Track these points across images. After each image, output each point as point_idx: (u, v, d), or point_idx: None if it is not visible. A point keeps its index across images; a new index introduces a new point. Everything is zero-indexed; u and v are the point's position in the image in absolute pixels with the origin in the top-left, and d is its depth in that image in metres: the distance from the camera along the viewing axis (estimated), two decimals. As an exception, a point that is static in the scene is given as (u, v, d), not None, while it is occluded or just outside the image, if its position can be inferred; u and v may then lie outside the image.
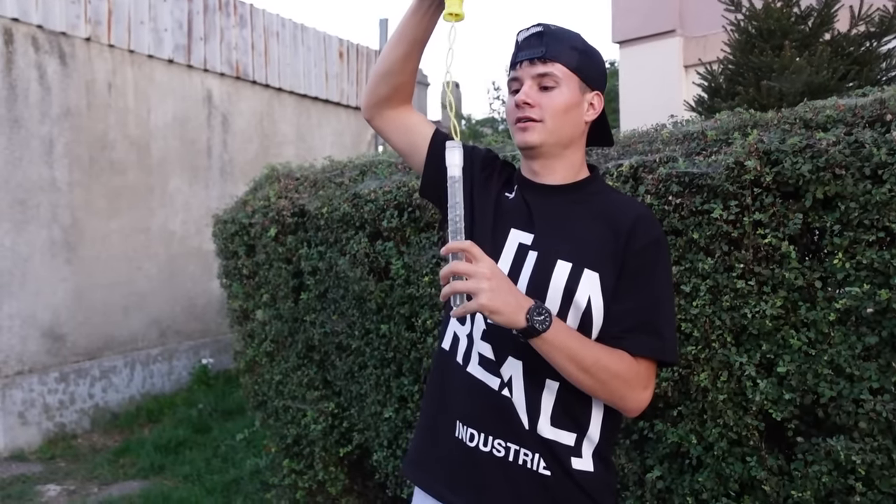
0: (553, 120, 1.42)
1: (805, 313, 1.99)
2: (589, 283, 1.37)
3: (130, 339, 6.07)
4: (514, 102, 1.45)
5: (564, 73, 1.43)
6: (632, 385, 1.34)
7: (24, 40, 5.31)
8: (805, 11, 3.89)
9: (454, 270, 1.24)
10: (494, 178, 1.55)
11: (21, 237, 5.25)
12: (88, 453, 5.18)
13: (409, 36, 1.50)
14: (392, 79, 1.55)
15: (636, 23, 6.73)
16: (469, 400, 1.43)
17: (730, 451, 2.13)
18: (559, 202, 1.47)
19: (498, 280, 1.24)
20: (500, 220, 1.47)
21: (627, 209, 1.45)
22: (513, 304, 1.24)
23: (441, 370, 1.53)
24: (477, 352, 1.43)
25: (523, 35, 1.47)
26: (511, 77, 1.48)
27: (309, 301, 3.28)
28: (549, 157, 1.47)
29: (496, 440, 1.38)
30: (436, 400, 1.53)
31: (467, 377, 1.44)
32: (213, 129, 6.85)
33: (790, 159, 1.95)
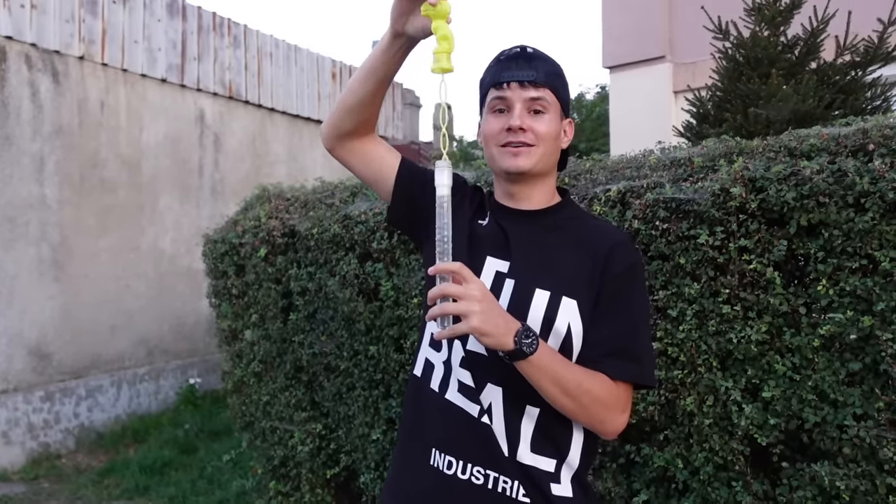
0: (544, 146, 1.42)
1: (790, 339, 2.01)
2: (567, 310, 1.36)
3: (117, 358, 6.03)
4: (502, 125, 1.42)
5: (552, 100, 1.42)
6: (611, 408, 1.34)
7: (18, 58, 5.32)
8: (792, 40, 3.95)
9: (445, 292, 1.22)
10: (465, 204, 1.52)
11: (9, 255, 5.23)
12: (73, 474, 5.12)
13: (379, 72, 1.46)
14: (358, 114, 1.51)
15: (626, 48, 6.80)
16: (447, 427, 1.40)
17: (716, 476, 2.14)
18: (535, 228, 1.46)
19: (488, 302, 1.23)
20: (476, 248, 1.44)
21: (604, 235, 1.46)
22: (502, 327, 1.23)
23: (415, 397, 1.50)
24: (456, 378, 1.40)
25: (508, 54, 1.44)
26: (496, 96, 1.43)
27: (298, 322, 3.28)
28: (531, 182, 1.46)
29: (475, 467, 1.36)
30: (411, 427, 1.50)
31: (445, 404, 1.41)
32: (205, 149, 6.86)
33: (775, 187, 1.98)
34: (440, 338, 1.26)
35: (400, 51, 1.44)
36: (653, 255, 2.20)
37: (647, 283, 2.20)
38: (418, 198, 1.51)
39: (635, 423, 2.29)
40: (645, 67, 6.78)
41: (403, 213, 1.56)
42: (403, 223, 1.62)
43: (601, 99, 11.91)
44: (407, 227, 1.64)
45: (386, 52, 1.43)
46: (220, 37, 6.94)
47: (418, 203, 1.51)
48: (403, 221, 1.61)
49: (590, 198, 2.35)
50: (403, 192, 1.53)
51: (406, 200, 1.52)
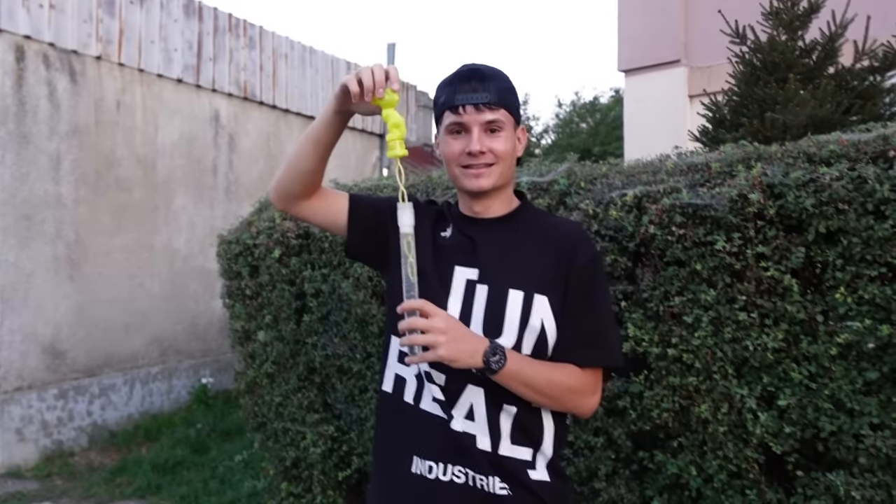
0: (503, 162, 1.49)
1: (806, 347, 1.99)
2: (540, 307, 1.45)
3: (131, 357, 6.06)
4: (462, 147, 1.48)
5: (506, 118, 1.48)
6: (582, 394, 1.46)
7: (36, 57, 5.36)
8: (809, 45, 3.92)
9: (412, 326, 1.33)
10: (425, 220, 1.58)
11: (25, 253, 5.26)
12: (85, 471, 5.15)
13: (324, 142, 1.52)
14: (307, 178, 1.57)
15: (641, 52, 6.78)
16: (425, 434, 1.48)
17: (729, 484, 2.12)
18: (500, 233, 1.53)
19: (453, 331, 1.34)
20: (442, 260, 1.52)
21: (564, 231, 1.56)
22: (468, 351, 1.34)
23: (388, 413, 1.58)
24: (429, 389, 1.49)
25: (461, 75, 1.49)
26: (454, 121, 1.48)
27: (311, 323, 3.28)
28: (493, 196, 1.53)
29: (455, 467, 1.45)
30: (389, 440, 1.58)
31: (422, 414, 1.49)
32: (220, 149, 6.89)
33: (793, 193, 1.97)
34: (411, 363, 1.38)
35: (344, 122, 1.52)
36: (669, 260, 2.19)
37: (663, 288, 2.20)
38: (371, 229, 1.61)
39: (649, 430, 2.27)
40: (660, 71, 6.75)
41: (360, 246, 1.65)
42: (362, 255, 1.73)
43: (615, 102, 11.88)
44: (366, 257, 1.76)
45: (330, 124, 1.50)
46: (235, 38, 6.97)
47: (372, 234, 1.61)
48: (362, 254, 1.71)
49: (606, 202, 2.34)
50: (357, 229, 1.62)
51: (360, 236, 1.62)
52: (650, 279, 2.23)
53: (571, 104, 16.67)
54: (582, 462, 2.39)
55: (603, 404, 2.37)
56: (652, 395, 2.23)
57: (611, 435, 2.35)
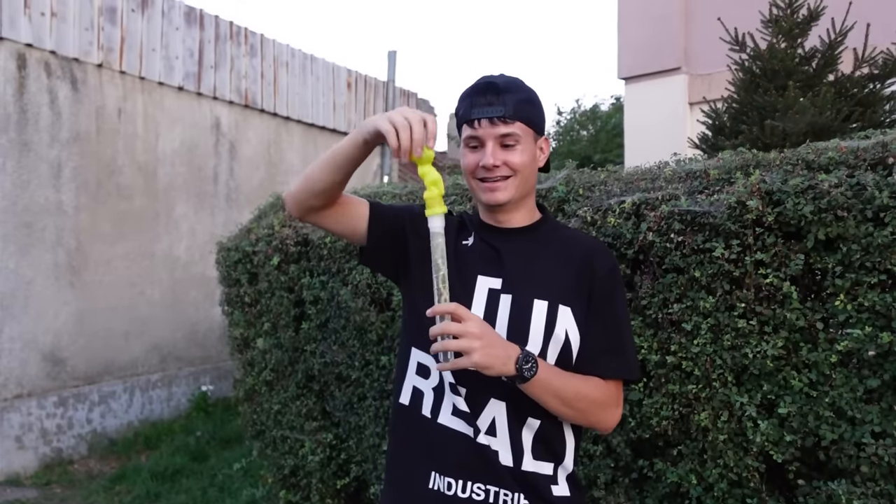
0: (520, 175, 1.48)
1: (806, 354, 1.98)
2: (564, 317, 1.45)
3: (130, 365, 6.05)
4: (477, 161, 1.48)
5: (523, 130, 1.47)
6: (607, 407, 1.45)
7: (37, 65, 5.38)
8: (809, 53, 3.92)
9: (446, 330, 1.30)
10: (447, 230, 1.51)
11: (25, 260, 5.26)
12: (84, 479, 5.14)
13: (349, 165, 1.49)
14: (327, 196, 1.54)
15: (642, 60, 6.79)
16: (445, 450, 1.45)
17: (730, 493, 2.11)
18: (524, 244, 1.53)
19: (487, 336, 1.31)
20: (465, 269, 1.50)
21: (584, 244, 1.56)
22: (502, 357, 1.31)
23: (405, 425, 1.55)
24: (450, 403, 1.46)
25: (477, 88, 1.48)
26: (469, 135, 1.49)
27: (310, 331, 3.27)
28: (513, 208, 1.53)
29: (475, 485, 1.42)
30: (405, 456, 1.54)
31: (440, 429, 1.46)
32: (221, 157, 6.90)
33: (792, 200, 1.96)
34: (443, 370, 1.35)
35: (370, 150, 1.48)
36: (667, 267, 2.18)
37: (662, 295, 2.19)
38: (390, 236, 1.59)
39: (648, 438, 2.26)
40: (660, 79, 6.76)
41: (378, 255, 1.62)
42: (378, 264, 1.70)
43: (616, 110, 11.89)
44: (382, 267, 1.71)
45: (359, 150, 1.46)
46: (236, 45, 6.98)
47: (390, 241, 1.59)
48: (378, 263, 1.69)
49: (604, 209, 2.34)
50: (376, 236, 1.59)
51: (379, 245, 1.59)
52: (649, 286, 2.22)
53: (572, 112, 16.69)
54: (581, 470, 2.38)
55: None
56: (651, 402, 2.22)
57: (610, 443, 2.34)
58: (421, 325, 1.44)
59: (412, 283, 1.55)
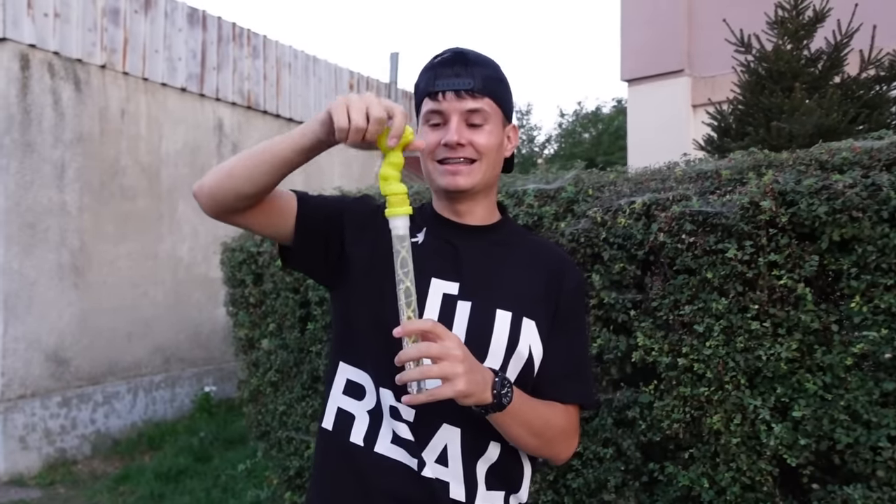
0: (486, 160, 1.29)
1: (821, 357, 1.97)
2: (528, 332, 1.28)
3: (134, 365, 6.03)
4: (438, 139, 1.28)
5: (492, 109, 1.29)
6: (570, 435, 1.31)
7: (41, 66, 5.36)
8: (815, 54, 3.91)
9: (425, 353, 1.08)
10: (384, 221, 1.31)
11: (29, 260, 5.25)
12: (88, 480, 5.12)
13: (289, 166, 1.23)
14: (256, 199, 1.28)
15: (645, 62, 6.78)
16: (381, 485, 1.24)
17: (743, 497, 2.09)
18: (486, 244, 1.34)
19: (469, 360, 1.11)
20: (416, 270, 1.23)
21: (552, 253, 1.40)
22: (481, 383, 1.12)
23: (332, 456, 1.32)
24: (389, 429, 1.25)
25: (443, 59, 1.30)
26: (431, 108, 1.28)
27: (315, 331, 3.26)
28: (474, 198, 1.34)
29: None
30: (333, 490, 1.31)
31: (376, 459, 1.25)
32: (224, 158, 6.88)
33: (806, 200, 1.95)
34: (415, 402, 1.11)
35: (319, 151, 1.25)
36: (678, 269, 2.17)
37: (673, 297, 2.18)
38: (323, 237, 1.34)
39: (659, 441, 2.25)
40: (663, 81, 6.75)
41: (306, 257, 1.37)
42: (307, 267, 1.44)
43: (618, 112, 11.90)
44: (311, 270, 1.45)
45: (310, 150, 1.22)
46: (239, 47, 6.98)
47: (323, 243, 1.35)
48: (307, 265, 1.43)
49: (614, 210, 2.32)
50: (306, 235, 1.34)
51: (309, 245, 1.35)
52: (659, 288, 2.21)
53: (574, 114, 16.72)
54: (591, 474, 2.36)
55: (612, 415, 2.34)
56: (662, 405, 2.20)
57: (620, 446, 2.33)
58: (354, 337, 1.29)
59: (350, 287, 1.32)
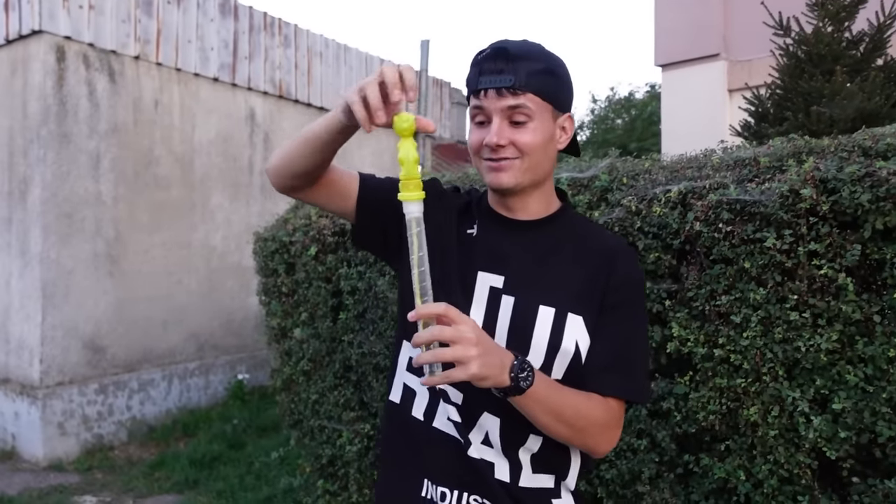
0: (530, 158, 1.28)
1: (862, 348, 1.91)
2: (574, 327, 1.27)
3: (168, 353, 6.12)
4: (481, 138, 1.29)
5: (537, 104, 1.26)
6: (606, 428, 1.27)
7: (76, 58, 5.44)
8: (857, 36, 3.81)
9: (438, 337, 1.08)
10: (450, 213, 1.40)
11: (66, 250, 5.34)
12: (125, 465, 5.22)
13: (327, 146, 1.29)
14: (308, 178, 1.37)
15: (679, 46, 6.66)
16: (437, 456, 1.31)
17: (780, 490, 2.05)
18: (533, 240, 1.34)
19: (484, 343, 1.11)
20: (466, 262, 1.32)
21: (606, 242, 1.37)
22: (498, 366, 1.11)
23: (396, 426, 1.40)
24: (444, 407, 1.30)
25: (486, 55, 1.28)
26: (474, 105, 1.29)
27: (347, 321, 3.27)
28: (523, 194, 1.34)
29: (471, 496, 1.28)
30: (396, 458, 1.39)
31: (434, 433, 1.31)
32: (255, 147, 6.93)
33: (848, 188, 1.89)
34: (430, 384, 1.11)
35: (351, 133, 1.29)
36: (715, 258, 2.13)
37: (709, 287, 2.13)
38: (383, 217, 1.39)
39: (694, 433, 2.21)
40: (699, 65, 6.63)
41: (369, 236, 1.44)
42: (371, 245, 1.49)
43: (651, 98, 11.73)
44: (375, 248, 1.51)
45: (340, 133, 1.27)
46: (270, 36, 7.00)
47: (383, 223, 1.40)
48: (370, 244, 1.48)
49: (649, 198, 2.28)
50: (366, 213, 1.41)
51: (370, 224, 1.42)
52: (695, 277, 2.17)
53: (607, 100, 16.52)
54: (624, 465, 2.34)
55: (647, 406, 2.31)
56: (698, 396, 2.17)
57: (654, 437, 2.30)
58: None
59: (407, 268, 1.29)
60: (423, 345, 1.10)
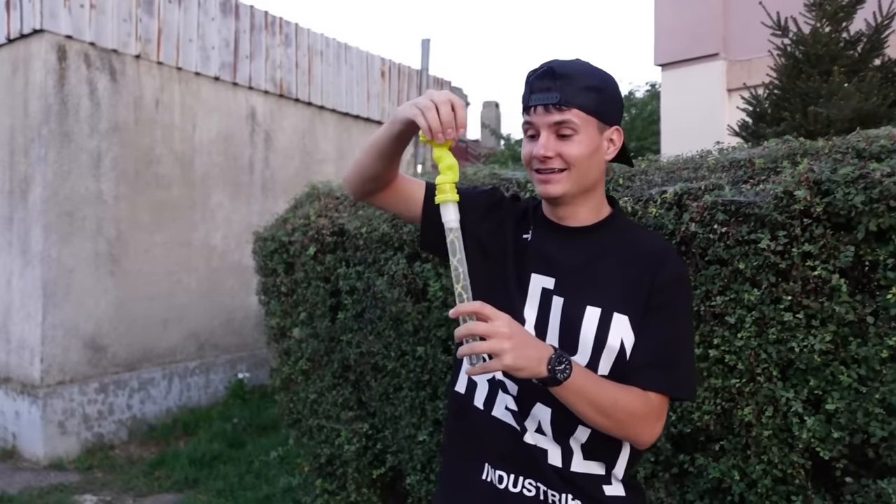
0: (577, 168, 1.39)
1: (856, 349, 1.93)
2: (620, 326, 1.37)
3: (169, 352, 6.14)
4: (531, 152, 1.42)
5: (582, 118, 1.38)
6: (645, 420, 1.34)
7: (77, 57, 5.45)
8: (854, 37, 3.81)
9: (472, 332, 1.20)
10: (507, 219, 1.53)
11: (67, 249, 5.36)
12: (125, 464, 5.24)
13: (389, 153, 1.47)
14: (378, 181, 1.54)
15: (679, 46, 6.67)
16: (496, 442, 1.43)
17: (774, 489, 2.06)
18: (583, 244, 1.45)
19: (518, 337, 1.21)
20: (520, 264, 1.45)
21: (652, 246, 1.46)
22: (534, 359, 1.22)
23: (460, 415, 1.53)
24: (502, 397, 1.44)
25: (535, 74, 1.42)
26: (526, 121, 1.44)
27: (346, 321, 3.28)
28: (573, 203, 1.45)
29: (526, 480, 1.40)
30: (459, 445, 1.53)
31: (493, 421, 1.44)
32: (256, 146, 6.94)
33: (842, 190, 1.90)
34: (472, 373, 1.24)
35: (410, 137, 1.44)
36: (710, 259, 2.14)
37: (704, 288, 2.14)
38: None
39: (689, 433, 2.23)
40: (698, 65, 6.63)
41: (434, 239, 1.52)
42: (434, 249, 1.59)
43: (651, 97, 11.72)
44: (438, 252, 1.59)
45: (394, 138, 1.44)
46: (271, 35, 7.01)
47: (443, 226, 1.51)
48: (434, 248, 1.58)
49: (645, 199, 2.29)
50: (430, 220, 1.52)
51: (434, 227, 1.48)
52: (691, 278, 2.18)
53: (607, 99, 16.48)
54: (620, 464, 2.35)
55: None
56: (693, 396, 2.18)
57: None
58: None
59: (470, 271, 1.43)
60: (463, 338, 1.22)
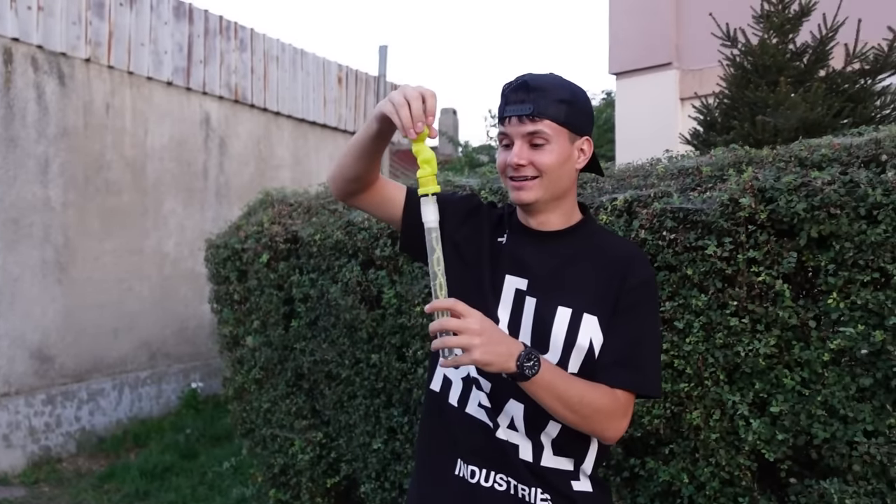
0: (548, 176, 1.45)
1: (799, 353, 1.97)
2: (589, 327, 1.43)
3: (119, 362, 6.00)
4: (505, 160, 1.47)
5: (553, 129, 1.44)
6: (611, 416, 1.40)
7: (24, 60, 5.31)
8: (800, 48, 3.91)
9: (444, 327, 1.26)
10: (483, 224, 1.58)
11: (12, 257, 5.21)
12: (73, 478, 5.10)
13: (369, 152, 1.51)
14: (359, 182, 1.58)
15: (633, 55, 6.77)
16: (469, 438, 1.48)
17: (722, 491, 2.10)
18: (555, 247, 1.51)
19: (488, 333, 1.27)
20: (496, 266, 1.51)
21: (621, 250, 1.53)
22: (504, 354, 1.28)
23: (434, 412, 1.58)
24: (475, 394, 1.49)
25: (511, 87, 1.48)
26: (501, 131, 1.50)
27: (299, 329, 3.25)
28: (545, 209, 1.51)
29: (498, 475, 1.45)
30: (432, 442, 1.58)
31: (466, 417, 1.50)
32: (210, 152, 6.85)
33: (785, 197, 1.95)
34: (445, 366, 1.30)
35: (389, 136, 1.48)
36: (659, 265, 2.17)
37: (654, 293, 2.17)
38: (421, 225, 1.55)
39: (640, 437, 2.25)
40: (651, 74, 6.75)
41: (414, 243, 1.56)
42: (415, 251, 1.62)
43: (607, 105, 11.88)
44: (417, 255, 1.68)
45: (373, 136, 1.47)
46: (226, 40, 6.93)
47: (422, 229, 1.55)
48: (415, 250, 1.60)
49: (596, 206, 2.32)
50: (410, 223, 1.58)
51: (414, 231, 1.53)
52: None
53: (564, 107, 16.67)
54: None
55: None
56: (642, 401, 2.20)
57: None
58: None
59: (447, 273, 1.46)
60: (436, 333, 1.27)
